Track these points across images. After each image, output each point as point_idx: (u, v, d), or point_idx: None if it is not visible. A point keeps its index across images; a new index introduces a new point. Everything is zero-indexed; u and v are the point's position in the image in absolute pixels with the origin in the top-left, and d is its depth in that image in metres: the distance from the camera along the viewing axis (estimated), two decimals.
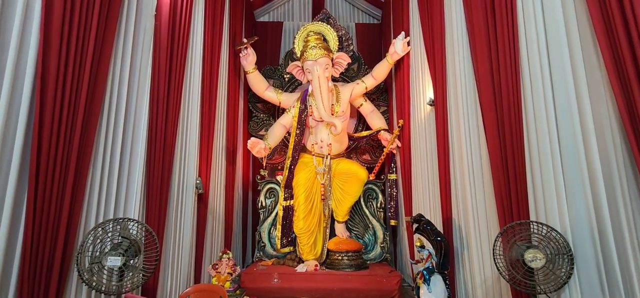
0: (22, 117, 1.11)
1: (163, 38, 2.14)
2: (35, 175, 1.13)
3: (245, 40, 3.71)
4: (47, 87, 1.18)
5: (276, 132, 3.57)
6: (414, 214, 2.79)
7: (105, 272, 1.35)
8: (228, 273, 2.69)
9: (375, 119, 3.80)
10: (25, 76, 1.11)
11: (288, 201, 3.43)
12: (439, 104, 2.53)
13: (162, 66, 2.10)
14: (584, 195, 1.28)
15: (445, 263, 2.20)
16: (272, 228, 3.64)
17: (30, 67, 1.11)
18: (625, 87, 1.09)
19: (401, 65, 3.56)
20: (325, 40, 3.66)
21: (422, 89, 2.96)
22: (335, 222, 3.58)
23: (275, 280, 2.97)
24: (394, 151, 3.66)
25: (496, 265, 1.45)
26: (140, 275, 1.43)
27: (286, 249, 3.45)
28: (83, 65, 1.35)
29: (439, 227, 2.47)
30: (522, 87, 1.57)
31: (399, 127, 3.47)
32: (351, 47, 4.28)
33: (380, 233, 3.60)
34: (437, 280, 2.19)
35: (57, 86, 1.21)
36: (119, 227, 1.35)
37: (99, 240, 1.31)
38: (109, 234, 1.33)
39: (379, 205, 3.68)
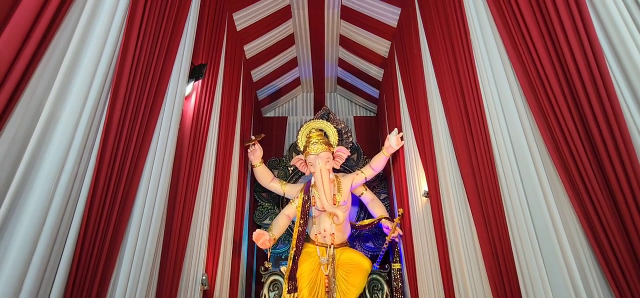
0: (77, 218, 1.36)
1: (184, 145, 2.44)
2: (77, 262, 1.33)
3: (253, 138, 4.09)
4: (96, 193, 1.43)
5: (281, 223, 3.71)
6: None
7: None
8: None
9: (376, 208, 3.96)
10: (79, 200, 1.36)
11: (292, 294, 3.40)
12: (433, 196, 2.73)
13: (182, 168, 2.37)
14: (564, 282, 1.40)
15: None
16: None
17: (84, 190, 1.37)
18: (574, 186, 1.31)
19: (397, 156, 3.86)
20: (326, 135, 4.03)
21: (418, 181, 3.18)
22: None
23: None
24: (397, 240, 3.73)
25: None
26: None
27: None
28: (122, 173, 1.62)
29: None
30: (500, 187, 1.78)
31: (399, 215, 3.61)
32: (350, 139, 4.64)
33: None
34: None
35: (103, 193, 1.47)
36: None
37: None
38: None
39: (384, 296, 3.62)
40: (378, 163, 3.94)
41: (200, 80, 2.67)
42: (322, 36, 4.61)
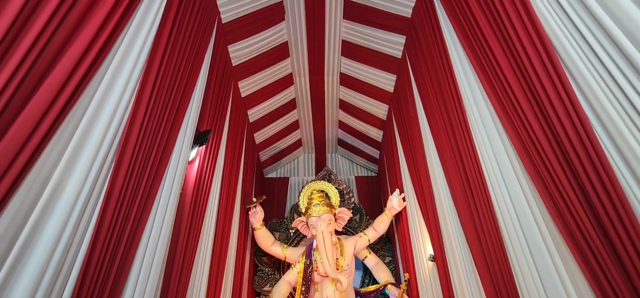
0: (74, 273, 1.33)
1: (185, 208, 2.44)
2: None
3: (254, 200, 4.06)
4: (91, 261, 1.40)
5: (281, 290, 3.53)
6: None
7: None
8: None
9: (381, 272, 3.79)
10: (75, 265, 1.34)
11: None
12: (440, 260, 2.63)
13: (182, 233, 2.33)
14: None
15: None
16: None
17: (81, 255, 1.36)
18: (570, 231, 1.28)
19: (400, 217, 3.80)
20: (327, 196, 4.01)
21: (423, 243, 3.09)
22: None
23: None
24: None
25: None
26: None
27: None
28: (120, 241, 1.60)
29: None
30: (506, 251, 1.74)
31: (405, 281, 3.45)
32: (352, 199, 4.60)
33: None
34: None
35: (98, 261, 1.44)
36: None
37: None
38: None
39: None
40: (381, 224, 3.86)
41: (204, 146, 2.74)
42: (323, 101, 4.83)
